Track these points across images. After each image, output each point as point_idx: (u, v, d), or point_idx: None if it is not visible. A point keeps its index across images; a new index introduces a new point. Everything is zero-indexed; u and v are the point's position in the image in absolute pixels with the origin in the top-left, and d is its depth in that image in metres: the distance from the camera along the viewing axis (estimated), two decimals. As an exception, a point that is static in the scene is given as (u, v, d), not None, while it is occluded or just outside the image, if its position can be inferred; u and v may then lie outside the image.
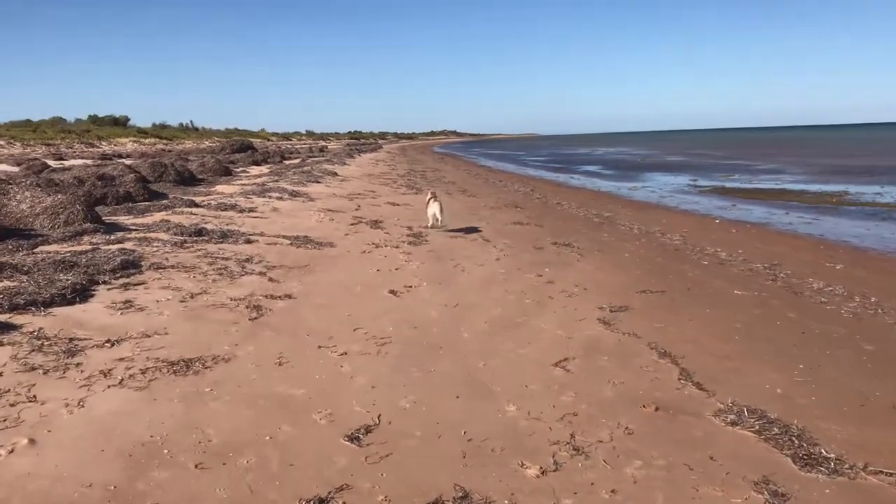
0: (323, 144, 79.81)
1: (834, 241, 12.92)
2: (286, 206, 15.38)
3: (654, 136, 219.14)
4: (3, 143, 44.82)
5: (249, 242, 10.26)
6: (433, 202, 12.98)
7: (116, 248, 8.79)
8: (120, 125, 78.72)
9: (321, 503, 3.47)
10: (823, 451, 4.18)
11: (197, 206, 14.00)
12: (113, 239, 9.50)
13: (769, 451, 4.19)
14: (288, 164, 33.02)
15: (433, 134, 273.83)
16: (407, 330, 6.48)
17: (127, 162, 24.57)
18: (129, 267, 7.81)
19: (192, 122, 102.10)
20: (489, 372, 5.44)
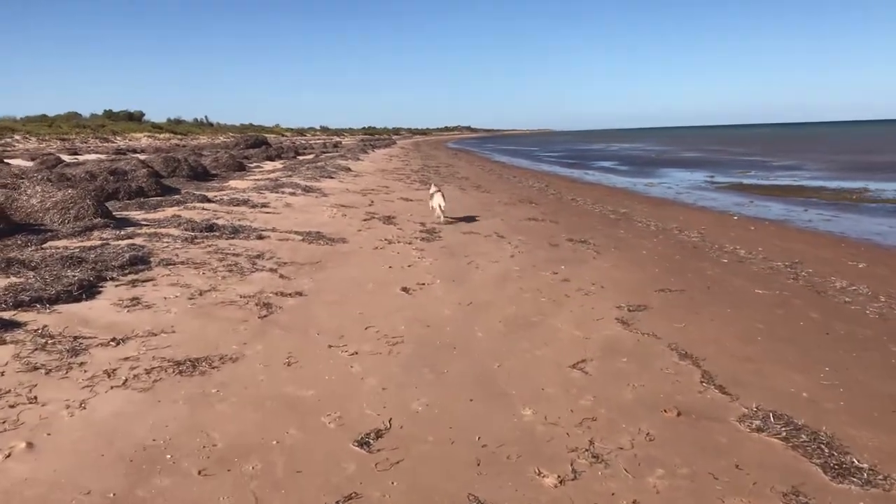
0: (337, 140, 79.80)
1: (855, 238, 12.65)
2: (299, 201, 15.26)
3: (669, 132, 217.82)
4: (18, 137, 45.02)
5: (261, 238, 10.13)
6: (437, 194, 13.85)
7: (126, 243, 8.68)
8: (135, 120, 79.07)
9: (329, 513, 3.33)
10: (855, 460, 3.97)
11: (209, 201, 13.88)
12: (123, 234, 9.39)
13: (797, 459, 4.00)
14: (302, 159, 32.91)
15: (447, 129, 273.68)
16: (419, 329, 6.32)
17: (141, 157, 24.56)
18: (137, 263, 7.69)
19: (206, 117, 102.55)
20: (504, 373, 5.26)
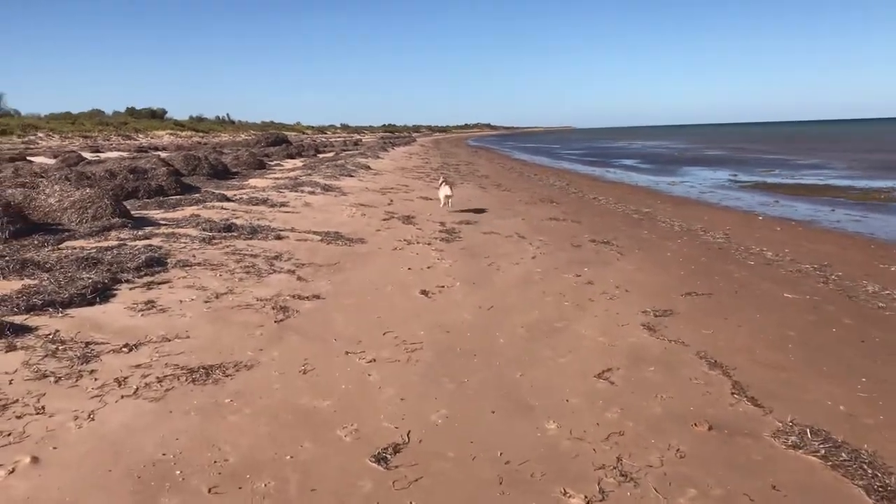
0: (357, 138, 79.90)
1: (885, 240, 12.31)
2: (318, 200, 15.15)
3: (689, 129, 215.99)
4: (41, 135, 45.39)
5: (279, 238, 10.02)
6: (444, 186, 15.34)
7: (143, 244, 8.59)
8: (157, 118, 79.63)
9: (344, 535, 3.17)
10: (901, 482, 3.76)
11: (228, 200, 13.81)
12: (140, 234, 9.31)
13: (838, 480, 3.78)
14: (322, 157, 32.88)
15: (467, 127, 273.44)
16: (439, 334, 6.15)
17: (162, 154, 24.61)
18: (154, 264, 7.59)
19: (228, 115, 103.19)
20: (527, 383, 5.08)
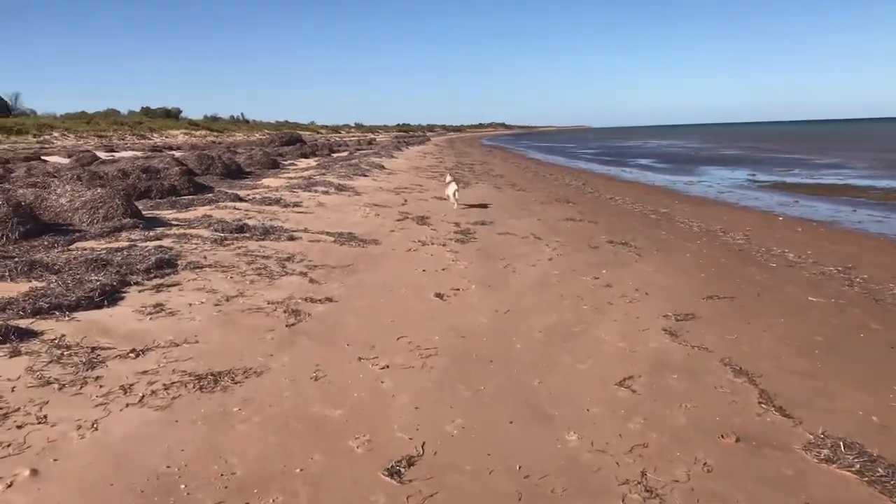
0: (371, 137, 79.89)
1: (910, 241, 12.04)
2: (332, 200, 15.02)
3: (704, 129, 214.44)
4: (57, 134, 45.58)
5: (292, 239, 9.88)
6: (451, 183, 15.96)
7: (153, 245, 8.47)
8: (172, 117, 79.96)
9: (355, 555, 3.00)
10: (943, 500, 3.55)
11: (241, 200, 13.70)
12: (151, 235, 9.20)
13: (876, 497, 3.58)
14: (336, 156, 32.80)
15: (481, 126, 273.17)
16: (454, 339, 5.98)
17: (176, 154, 24.59)
18: (164, 266, 7.46)
19: (242, 114, 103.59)
20: (545, 391, 4.90)
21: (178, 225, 10.26)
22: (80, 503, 3.22)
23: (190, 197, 13.92)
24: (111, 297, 6.24)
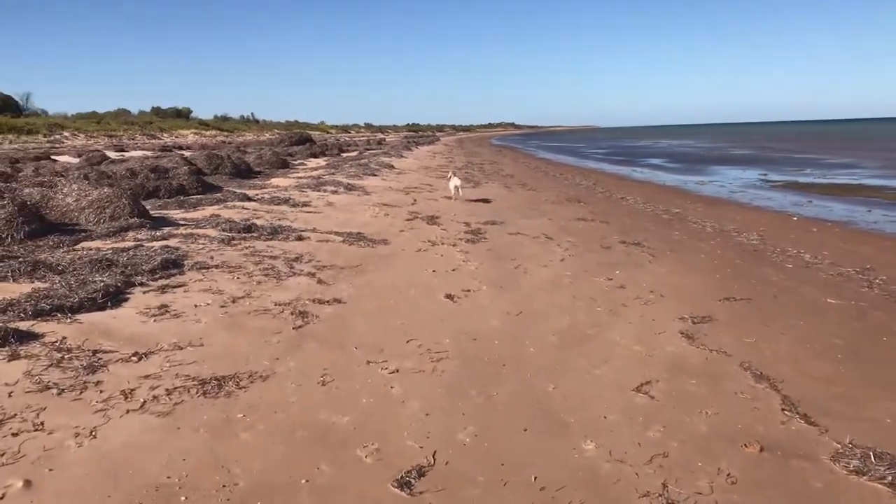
0: (381, 137, 79.86)
1: (928, 242, 11.81)
2: (341, 200, 14.89)
3: (713, 128, 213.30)
4: (67, 134, 45.69)
5: (300, 239, 9.74)
6: (453, 178, 16.95)
7: (160, 245, 8.35)
8: (182, 117, 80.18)
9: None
10: (981, 515, 3.37)
11: (250, 199, 13.59)
12: (158, 235, 9.07)
13: (911, 512, 3.42)
14: (345, 156, 32.73)
15: (491, 126, 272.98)
16: (465, 342, 5.82)
17: (186, 154, 24.53)
18: (169, 266, 7.33)
19: (252, 114, 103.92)
20: (560, 397, 4.73)
21: (185, 225, 10.14)
22: (75, 516, 3.08)
23: (198, 196, 13.81)
24: (115, 298, 6.11)
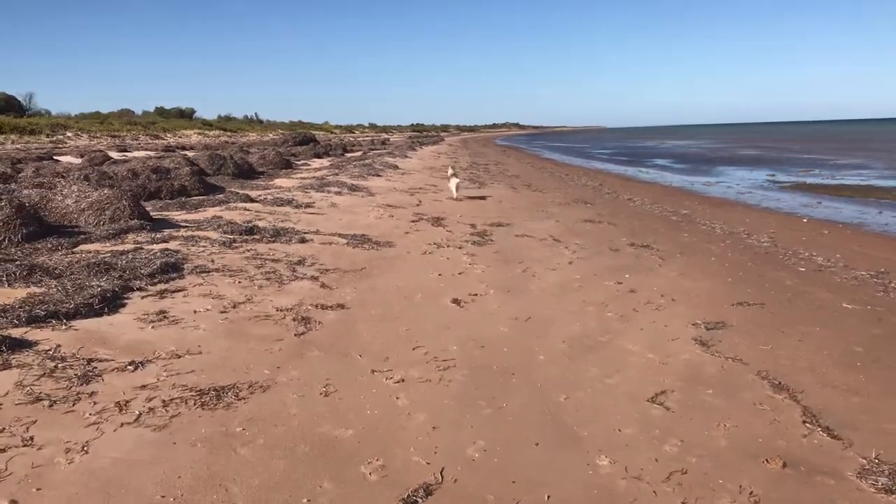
0: (385, 137, 79.67)
1: (942, 246, 11.59)
2: (345, 201, 14.73)
3: (716, 129, 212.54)
4: (70, 134, 45.57)
5: (303, 242, 9.57)
6: (453, 177, 17.39)
7: (159, 248, 8.19)
8: (186, 117, 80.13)
9: None
10: None
11: (252, 200, 13.44)
12: (158, 237, 8.91)
13: (946, 535, 3.23)
14: (349, 156, 32.59)
15: (495, 126, 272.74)
16: (473, 349, 5.64)
17: (189, 154, 24.40)
18: (169, 270, 7.16)
19: (256, 114, 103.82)
20: (572, 408, 4.54)
21: (186, 226, 9.99)
22: (62, 541, 2.91)
23: (200, 197, 13.65)
24: (112, 303, 5.95)
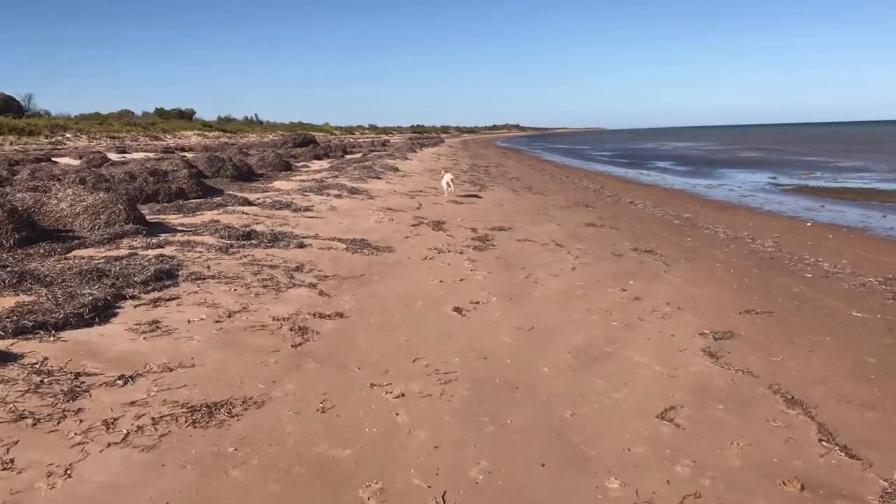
0: (385, 138, 79.48)
1: (949, 251, 11.42)
2: (344, 204, 14.55)
3: (717, 130, 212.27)
4: (69, 135, 45.31)
5: (302, 247, 9.39)
6: (446, 175, 17.90)
7: (154, 253, 8.00)
8: (185, 118, 79.94)
9: None
10: None
11: (251, 204, 13.26)
12: (154, 242, 8.72)
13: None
14: (349, 158, 32.42)
15: (495, 128, 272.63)
16: (475, 361, 5.46)
17: (188, 155, 24.24)
18: (163, 277, 6.98)
19: (256, 115, 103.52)
20: (579, 425, 4.37)
21: (182, 231, 9.82)
22: (39, 576, 2.73)
23: (198, 200, 13.46)
24: (104, 313, 5.76)
